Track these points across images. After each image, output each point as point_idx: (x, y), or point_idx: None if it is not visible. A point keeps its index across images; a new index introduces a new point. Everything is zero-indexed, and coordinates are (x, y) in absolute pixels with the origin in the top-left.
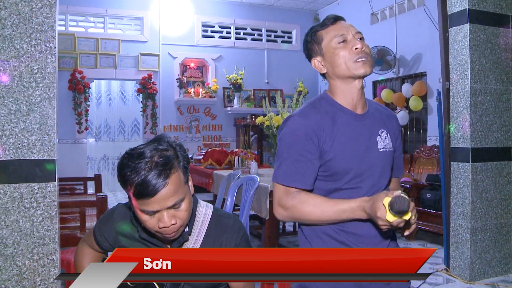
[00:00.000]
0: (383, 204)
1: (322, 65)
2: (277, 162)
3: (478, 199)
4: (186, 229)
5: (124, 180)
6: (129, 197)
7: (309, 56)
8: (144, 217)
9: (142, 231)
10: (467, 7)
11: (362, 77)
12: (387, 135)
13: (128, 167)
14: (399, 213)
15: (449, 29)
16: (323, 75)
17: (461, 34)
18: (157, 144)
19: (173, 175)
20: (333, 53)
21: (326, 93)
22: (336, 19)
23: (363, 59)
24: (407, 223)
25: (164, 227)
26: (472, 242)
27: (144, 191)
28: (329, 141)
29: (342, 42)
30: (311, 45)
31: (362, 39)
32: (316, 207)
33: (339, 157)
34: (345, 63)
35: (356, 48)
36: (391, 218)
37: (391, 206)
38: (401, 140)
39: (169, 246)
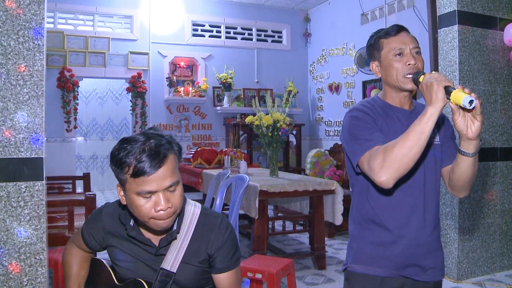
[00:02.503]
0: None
1: (378, 70)
2: (351, 144)
3: (466, 199)
4: (175, 227)
5: (120, 163)
6: (124, 183)
7: (369, 57)
8: (140, 201)
9: (130, 229)
10: (456, 9)
11: (410, 91)
12: (434, 130)
13: (124, 150)
14: (418, 74)
15: (438, 30)
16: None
17: (450, 35)
18: (150, 131)
19: (170, 155)
20: (389, 64)
21: (378, 95)
22: (399, 30)
23: (412, 75)
24: (473, 111)
25: (161, 210)
26: (459, 241)
27: (143, 168)
28: (384, 129)
29: (398, 55)
30: (372, 49)
31: (418, 53)
32: (399, 140)
33: None
34: (397, 75)
35: (409, 64)
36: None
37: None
38: (453, 132)
39: (157, 244)
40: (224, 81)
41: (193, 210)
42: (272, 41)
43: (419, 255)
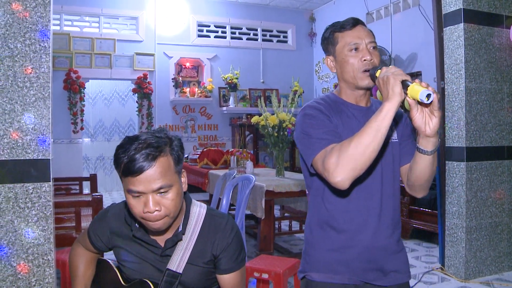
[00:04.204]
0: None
1: (333, 65)
2: (305, 143)
3: (473, 198)
4: (180, 228)
5: (116, 159)
6: (121, 180)
7: (324, 52)
8: (131, 200)
9: (136, 230)
10: (462, 7)
11: (366, 88)
12: (391, 128)
13: (122, 147)
14: (375, 69)
15: (444, 29)
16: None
17: (455, 34)
18: (155, 132)
19: (162, 158)
20: (344, 59)
21: (333, 92)
22: (355, 24)
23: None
24: (430, 106)
25: (148, 212)
26: (467, 241)
27: (130, 168)
28: (339, 127)
29: (354, 50)
30: (326, 44)
31: (375, 48)
32: (355, 138)
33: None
34: (353, 71)
35: (364, 60)
36: (379, 73)
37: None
38: (411, 131)
39: (162, 245)
40: (229, 81)
41: (198, 211)
42: (278, 41)
43: (378, 259)
